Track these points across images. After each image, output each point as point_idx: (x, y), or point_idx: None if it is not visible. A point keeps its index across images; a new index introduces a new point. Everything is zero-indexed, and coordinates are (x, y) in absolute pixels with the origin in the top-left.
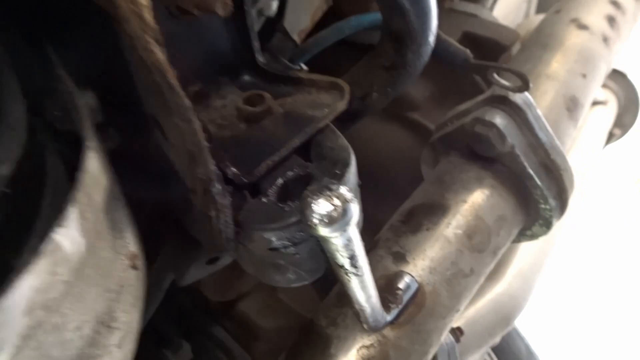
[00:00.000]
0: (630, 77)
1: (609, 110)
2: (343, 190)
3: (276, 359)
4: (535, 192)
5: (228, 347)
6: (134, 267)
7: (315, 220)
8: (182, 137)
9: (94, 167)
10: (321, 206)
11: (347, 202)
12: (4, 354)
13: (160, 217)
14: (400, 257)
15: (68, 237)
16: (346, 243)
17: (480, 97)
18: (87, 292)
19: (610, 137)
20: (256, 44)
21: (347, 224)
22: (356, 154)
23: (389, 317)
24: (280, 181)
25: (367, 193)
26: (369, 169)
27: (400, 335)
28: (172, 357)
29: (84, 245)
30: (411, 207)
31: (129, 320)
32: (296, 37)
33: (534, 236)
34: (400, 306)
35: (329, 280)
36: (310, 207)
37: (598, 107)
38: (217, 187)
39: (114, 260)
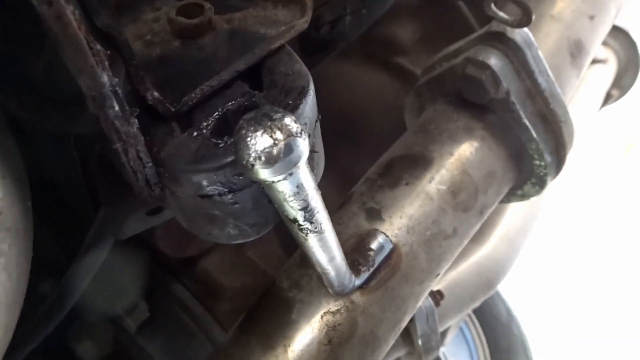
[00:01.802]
0: (632, 34)
1: (608, 70)
2: (288, 120)
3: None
4: (529, 146)
5: (188, 306)
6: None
7: (251, 159)
8: (52, 34)
9: None
10: (259, 140)
11: (292, 135)
12: None
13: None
14: (375, 214)
15: None
16: (295, 191)
17: (474, 35)
18: None
19: (608, 99)
20: None
21: (292, 164)
22: (332, 100)
23: (357, 281)
24: (217, 112)
25: (343, 143)
26: (347, 116)
27: (370, 301)
28: (125, 318)
29: None
30: (390, 159)
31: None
32: None
33: (525, 196)
34: (372, 269)
35: None
36: (245, 141)
37: (597, 66)
38: (114, 107)
39: None
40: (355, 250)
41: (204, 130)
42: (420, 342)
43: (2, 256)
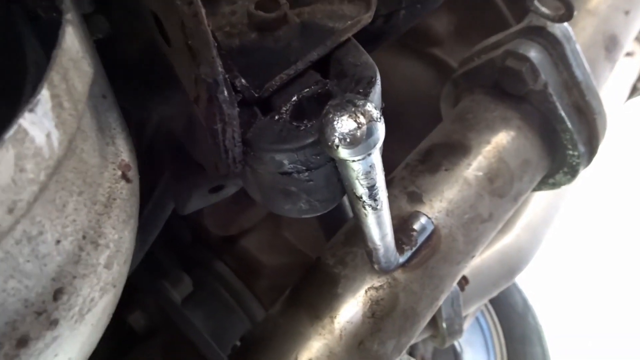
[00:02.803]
0: None
1: (635, 62)
2: (370, 106)
3: (277, 296)
4: (564, 136)
5: (229, 282)
6: (126, 178)
7: (337, 140)
8: (184, 29)
9: (74, 46)
10: (344, 123)
11: (374, 120)
12: None
13: (161, 140)
14: (416, 198)
15: (39, 126)
16: (368, 170)
17: (514, 28)
18: (67, 200)
19: (634, 91)
20: None
21: (371, 146)
22: None
23: (401, 259)
24: (295, 98)
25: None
26: (384, 108)
27: (411, 279)
28: (171, 289)
29: (61, 141)
30: (429, 146)
31: (118, 239)
32: None
33: (556, 184)
34: (414, 248)
35: (336, 219)
36: (332, 123)
37: (624, 58)
38: (224, 92)
39: (101, 167)
40: (399, 230)
41: (284, 114)
42: (445, 325)
43: (132, 218)
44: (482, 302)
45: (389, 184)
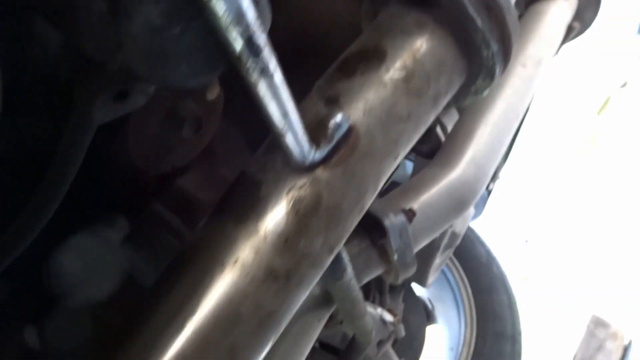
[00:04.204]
0: None
1: (569, 4)
2: None
3: None
4: (476, 37)
5: (168, 221)
6: None
7: None
8: None
9: None
10: None
11: None
12: None
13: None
14: (333, 101)
15: None
16: (236, 9)
17: None
18: None
19: (570, 32)
20: None
21: None
22: (289, 22)
23: (318, 154)
24: None
25: (302, 63)
26: (304, 37)
27: (333, 176)
28: (106, 230)
29: None
30: (346, 56)
31: None
32: None
33: (478, 92)
34: (332, 143)
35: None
36: None
37: (559, 1)
38: None
39: None
40: (315, 129)
41: None
42: (395, 256)
43: None
44: (433, 235)
45: (307, 95)
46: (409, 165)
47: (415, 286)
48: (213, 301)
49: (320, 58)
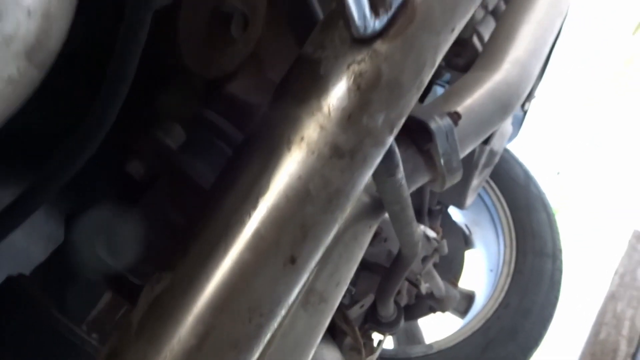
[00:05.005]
0: None
1: None
2: None
3: None
4: None
5: (221, 128)
6: None
7: None
8: None
9: None
10: None
11: None
12: None
13: None
14: None
15: None
16: None
17: None
18: None
19: None
20: None
21: None
22: None
23: (377, 23)
24: None
25: None
26: None
27: (392, 49)
28: (164, 138)
29: None
30: None
31: None
32: None
33: None
34: (390, 13)
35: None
36: None
37: None
38: None
39: None
40: None
41: None
42: (442, 160)
43: None
44: (479, 140)
45: None
46: (440, 92)
47: (452, 211)
48: (283, 179)
49: None
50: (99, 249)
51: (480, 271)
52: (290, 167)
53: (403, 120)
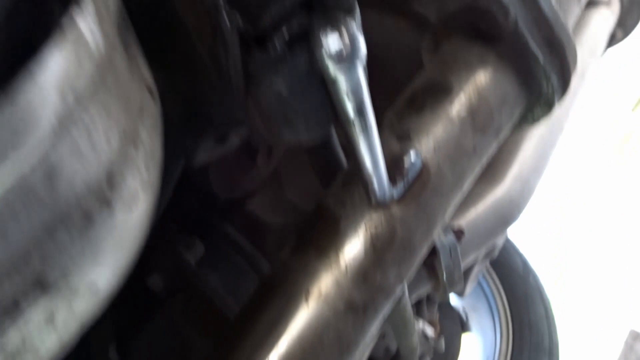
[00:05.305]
0: None
1: (611, 11)
2: (351, 22)
3: None
4: (537, 70)
5: (238, 243)
6: (151, 92)
7: (324, 54)
8: None
9: None
10: (330, 38)
11: (356, 36)
12: (43, 129)
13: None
14: (405, 137)
15: (87, 24)
16: (354, 86)
17: None
18: (111, 103)
19: (612, 39)
20: None
21: (355, 57)
22: None
23: (395, 192)
24: (285, 32)
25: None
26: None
27: (406, 212)
28: (186, 253)
29: (103, 47)
30: (413, 90)
31: (152, 144)
32: None
33: (535, 119)
34: (407, 181)
35: (334, 172)
36: (319, 39)
37: (601, 8)
38: (224, 16)
39: (131, 79)
40: (391, 167)
41: (278, 46)
42: (445, 275)
43: (159, 128)
44: (480, 252)
45: (378, 128)
46: None
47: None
48: (300, 330)
49: (380, 76)
50: (111, 355)
51: (476, 358)
52: (307, 319)
53: (413, 271)
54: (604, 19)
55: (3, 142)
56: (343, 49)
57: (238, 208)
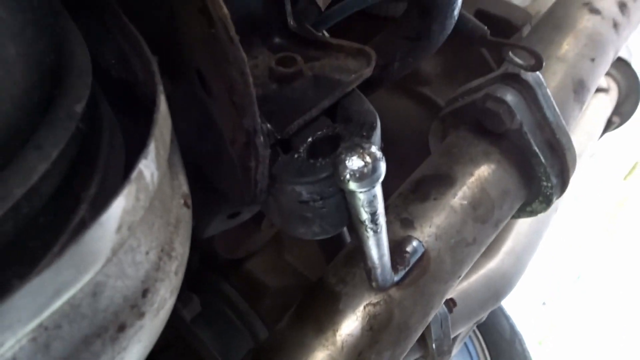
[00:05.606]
0: (633, 65)
1: (609, 98)
2: (374, 149)
3: (279, 316)
4: (538, 169)
5: (234, 302)
6: (187, 205)
7: (348, 175)
8: (233, 89)
9: (164, 109)
10: (354, 162)
11: (378, 160)
12: (99, 263)
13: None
14: (408, 223)
15: (149, 168)
16: (371, 199)
17: (493, 75)
18: (155, 221)
19: (609, 125)
20: (288, 7)
21: (375, 180)
22: None
23: (396, 278)
24: (310, 139)
25: None
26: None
27: (405, 296)
28: (182, 309)
29: (158, 178)
30: (420, 177)
31: (183, 252)
32: (320, 3)
33: (533, 212)
34: (407, 268)
35: (336, 244)
36: (345, 162)
37: (600, 94)
38: (261, 138)
39: (172, 197)
40: (394, 252)
41: (302, 153)
42: (434, 345)
43: (190, 237)
44: (470, 323)
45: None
46: None
47: None
48: None
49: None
50: None
51: None
52: None
53: (405, 353)
54: (603, 105)
55: (66, 281)
56: (364, 170)
57: (237, 267)
